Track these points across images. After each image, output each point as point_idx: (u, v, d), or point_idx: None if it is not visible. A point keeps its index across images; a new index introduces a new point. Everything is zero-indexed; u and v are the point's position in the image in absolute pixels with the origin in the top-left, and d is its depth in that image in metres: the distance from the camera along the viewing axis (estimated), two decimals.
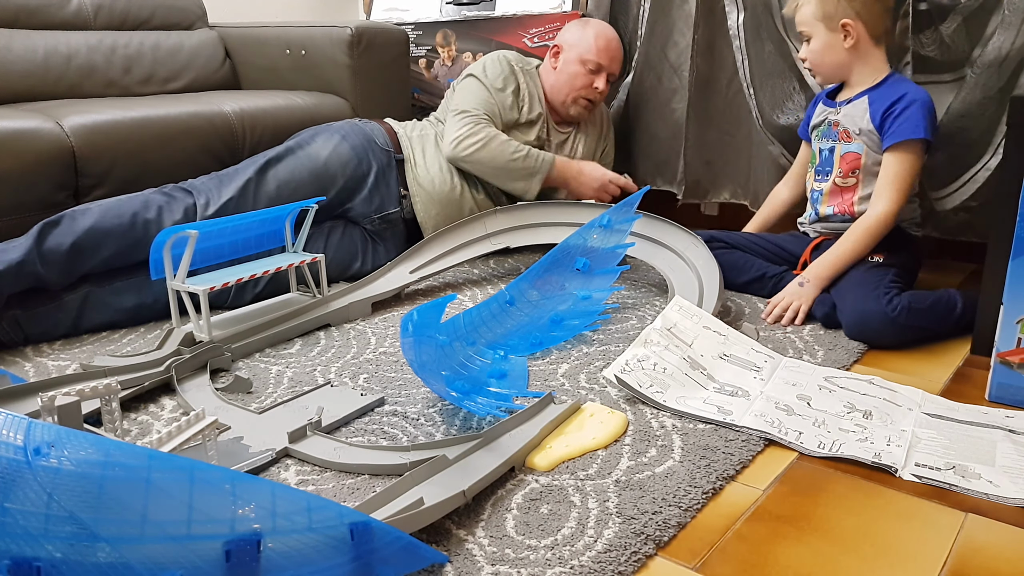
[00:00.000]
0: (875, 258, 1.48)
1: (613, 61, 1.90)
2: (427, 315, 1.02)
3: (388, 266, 1.65)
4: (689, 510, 0.89)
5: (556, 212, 1.75)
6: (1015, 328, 1.14)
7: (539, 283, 1.48)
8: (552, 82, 1.91)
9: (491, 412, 1.05)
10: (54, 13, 2.03)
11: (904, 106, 1.46)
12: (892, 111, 1.47)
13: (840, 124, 1.55)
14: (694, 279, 1.49)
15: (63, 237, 1.38)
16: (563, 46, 1.91)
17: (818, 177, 1.62)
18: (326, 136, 1.75)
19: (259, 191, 1.61)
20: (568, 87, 1.89)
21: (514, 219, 1.75)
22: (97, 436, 0.66)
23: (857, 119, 1.52)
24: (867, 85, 1.53)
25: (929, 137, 1.46)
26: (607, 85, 1.92)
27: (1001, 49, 1.59)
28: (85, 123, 1.62)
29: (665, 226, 1.62)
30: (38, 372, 1.27)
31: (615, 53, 1.91)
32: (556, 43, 1.93)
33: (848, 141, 1.55)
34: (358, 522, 0.71)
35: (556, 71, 1.91)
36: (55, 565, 0.58)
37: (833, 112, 1.58)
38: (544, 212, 1.76)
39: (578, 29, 1.92)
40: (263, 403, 1.16)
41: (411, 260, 1.68)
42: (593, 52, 1.87)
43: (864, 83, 1.54)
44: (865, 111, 1.51)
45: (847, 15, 1.49)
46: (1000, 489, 0.93)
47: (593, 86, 1.88)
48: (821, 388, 1.19)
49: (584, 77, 1.88)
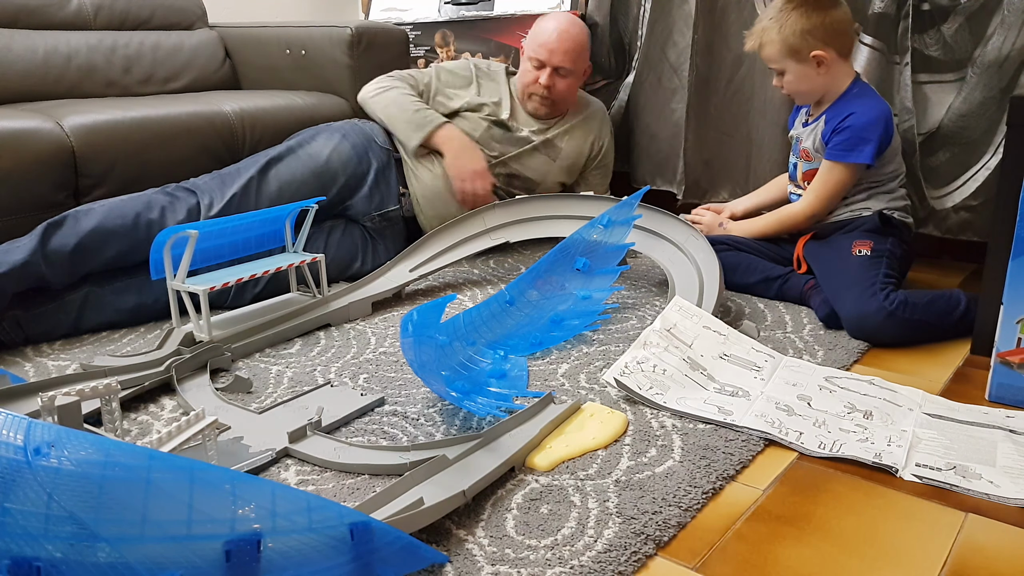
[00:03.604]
0: (862, 250, 1.48)
1: (554, 55, 1.84)
2: (427, 315, 1.02)
3: (388, 265, 1.64)
4: (689, 510, 0.89)
5: (555, 206, 1.75)
6: (1015, 328, 1.14)
7: (539, 283, 1.48)
8: (517, 79, 1.94)
9: (491, 412, 1.05)
10: (54, 13, 2.03)
11: (846, 126, 1.51)
12: (838, 128, 1.52)
13: (804, 143, 1.61)
14: (694, 273, 1.49)
15: (67, 238, 1.38)
16: (523, 44, 1.94)
17: (792, 182, 1.69)
18: (327, 135, 1.75)
19: (261, 190, 1.61)
20: (520, 83, 1.91)
21: (513, 213, 1.75)
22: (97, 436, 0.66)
23: (815, 139, 1.58)
24: (832, 100, 1.57)
25: (859, 161, 1.51)
26: (555, 79, 1.86)
27: (1001, 49, 1.59)
28: (85, 123, 1.62)
29: (665, 218, 1.62)
30: (38, 372, 1.27)
31: (555, 46, 1.84)
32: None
33: (809, 160, 1.61)
34: (358, 522, 0.70)
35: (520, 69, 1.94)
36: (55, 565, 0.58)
37: (802, 131, 1.63)
38: (543, 206, 1.76)
39: (535, 26, 1.92)
40: (263, 403, 1.16)
41: (411, 258, 1.67)
42: (533, 48, 1.87)
43: (832, 98, 1.57)
44: (821, 130, 1.57)
45: (815, 47, 1.51)
46: (1001, 489, 0.93)
47: (537, 81, 1.86)
48: (821, 388, 1.19)
49: (530, 73, 1.88)
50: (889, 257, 1.47)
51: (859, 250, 1.48)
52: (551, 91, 1.87)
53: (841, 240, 1.53)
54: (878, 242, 1.49)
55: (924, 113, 1.72)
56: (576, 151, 1.96)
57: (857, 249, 1.48)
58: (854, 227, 1.55)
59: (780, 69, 1.56)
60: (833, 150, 1.53)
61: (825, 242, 1.57)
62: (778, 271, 1.60)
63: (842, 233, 1.55)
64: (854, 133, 1.50)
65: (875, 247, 1.48)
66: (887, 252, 1.48)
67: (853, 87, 1.55)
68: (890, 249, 1.49)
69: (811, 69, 1.53)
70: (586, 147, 1.98)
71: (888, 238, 1.51)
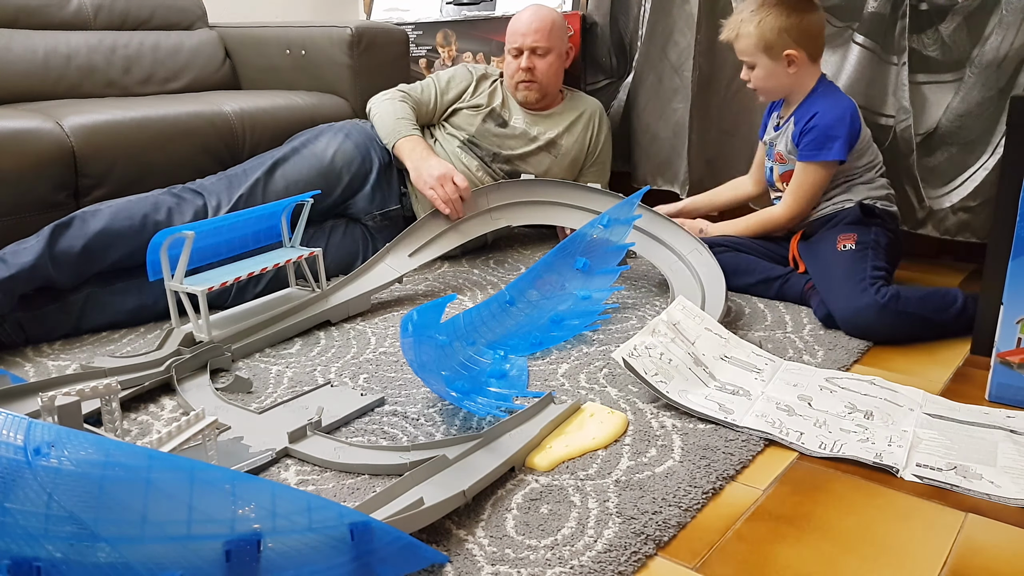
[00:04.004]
0: (847, 245, 1.49)
1: (526, 36, 1.87)
2: (427, 315, 1.02)
3: (385, 249, 1.60)
4: (689, 510, 0.89)
5: (559, 192, 1.76)
6: (1015, 328, 1.14)
7: (539, 283, 1.48)
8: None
9: (491, 412, 1.05)
10: (54, 13, 2.03)
11: (812, 126, 1.54)
12: (804, 130, 1.55)
13: (777, 147, 1.63)
14: (696, 286, 1.49)
15: (74, 240, 1.38)
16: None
17: (770, 186, 1.72)
18: (330, 135, 1.76)
19: (268, 191, 1.62)
20: (508, 77, 1.93)
21: (515, 194, 1.75)
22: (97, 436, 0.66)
23: (787, 141, 1.60)
24: (799, 101, 1.59)
25: (829, 159, 1.53)
26: (533, 60, 1.87)
27: (1000, 49, 1.59)
28: (85, 123, 1.61)
29: (669, 226, 1.62)
30: (38, 372, 1.27)
31: (526, 29, 1.87)
32: None
33: (783, 163, 1.63)
34: (358, 522, 0.70)
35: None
36: (55, 565, 0.58)
37: (775, 135, 1.65)
38: (547, 190, 1.76)
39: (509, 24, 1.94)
40: (263, 403, 1.16)
41: (408, 242, 1.64)
42: (510, 40, 1.91)
43: (799, 99, 1.60)
44: (791, 131, 1.59)
45: (788, 46, 1.53)
46: (1002, 490, 0.93)
47: (520, 68, 1.89)
48: (822, 389, 1.19)
49: (512, 63, 1.91)
50: (875, 248, 1.48)
51: (844, 244, 1.49)
52: (533, 73, 1.88)
53: (827, 236, 1.55)
54: (862, 234, 1.50)
55: (922, 113, 1.72)
56: (577, 148, 1.97)
57: (842, 244, 1.49)
58: (837, 220, 1.57)
59: (751, 63, 1.59)
60: (804, 151, 1.56)
61: (813, 240, 1.60)
62: (778, 271, 1.60)
63: (827, 229, 1.58)
64: (821, 132, 1.53)
65: (859, 239, 1.49)
66: (871, 243, 1.49)
67: (818, 87, 1.59)
68: (875, 239, 1.50)
69: (781, 67, 1.55)
70: (586, 142, 1.99)
71: (872, 228, 1.52)
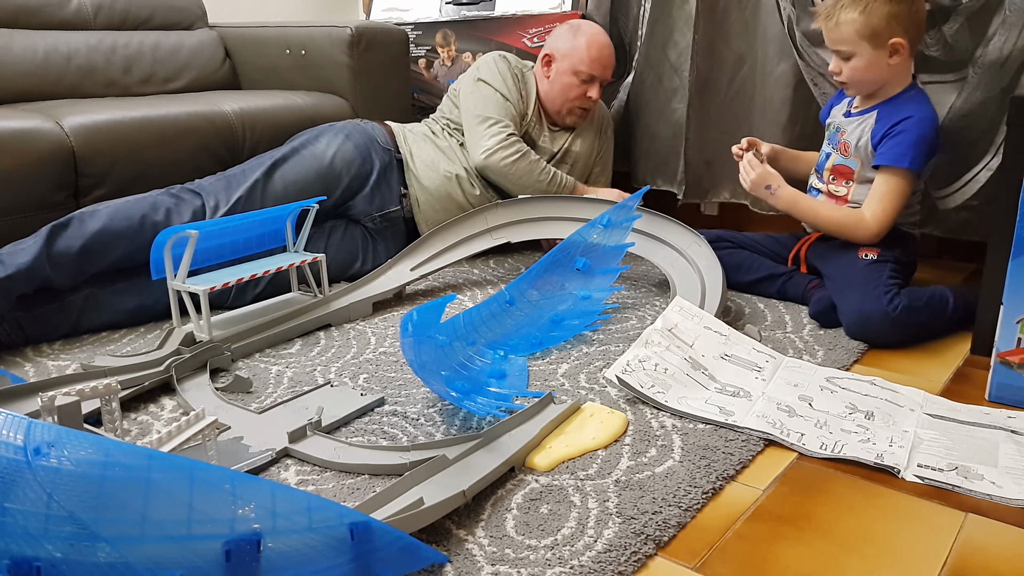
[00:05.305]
0: (869, 255, 1.47)
1: (606, 69, 1.89)
2: (427, 315, 1.02)
3: (389, 264, 1.64)
4: (689, 510, 0.89)
5: (558, 206, 1.75)
6: (1015, 328, 1.14)
7: (539, 283, 1.48)
8: (546, 90, 1.91)
9: (491, 412, 1.05)
10: (54, 13, 2.03)
11: (901, 131, 1.44)
12: (891, 132, 1.45)
13: (845, 135, 1.53)
14: (696, 278, 1.49)
15: (72, 240, 1.38)
16: (555, 55, 1.89)
17: (816, 174, 1.62)
18: (330, 136, 1.75)
19: (267, 192, 1.62)
20: (562, 98, 1.89)
21: (515, 213, 1.75)
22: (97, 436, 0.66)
23: (861, 134, 1.50)
24: (888, 96, 1.49)
25: (913, 168, 1.43)
26: (600, 91, 1.90)
27: (1003, 49, 1.59)
28: (85, 123, 1.61)
29: (668, 224, 1.62)
30: (38, 372, 1.27)
31: (608, 61, 1.89)
32: (547, 51, 1.91)
33: (845, 155, 1.53)
34: (358, 522, 0.70)
35: (549, 80, 1.90)
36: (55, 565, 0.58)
37: (844, 121, 1.55)
38: (545, 206, 1.76)
39: (569, 37, 1.89)
40: (263, 403, 1.16)
41: (411, 257, 1.67)
42: (586, 63, 1.86)
43: (887, 93, 1.49)
44: (871, 127, 1.49)
45: (896, 33, 1.41)
46: (1003, 490, 0.93)
47: (587, 96, 1.88)
48: (823, 389, 1.19)
49: (577, 88, 1.87)
50: (895, 262, 1.46)
51: (865, 255, 1.47)
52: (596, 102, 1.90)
53: (848, 244, 1.51)
54: (886, 249, 1.48)
55: None
56: (588, 152, 1.98)
57: (864, 253, 1.47)
58: None
59: (849, 53, 1.44)
60: (887, 152, 1.44)
61: (832, 245, 1.55)
62: (782, 269, 1.60)
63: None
64: (911, 139, 1.42)
65: (881, 253, 1.47)
66: (893, 258, 1.46)
67: (911, 88, 1.49)
68: (897, 256, 1.48)
69: (884, 58, 1.43)
70: (596, 145, 2.00)
71: (896, 247, 1.49)
